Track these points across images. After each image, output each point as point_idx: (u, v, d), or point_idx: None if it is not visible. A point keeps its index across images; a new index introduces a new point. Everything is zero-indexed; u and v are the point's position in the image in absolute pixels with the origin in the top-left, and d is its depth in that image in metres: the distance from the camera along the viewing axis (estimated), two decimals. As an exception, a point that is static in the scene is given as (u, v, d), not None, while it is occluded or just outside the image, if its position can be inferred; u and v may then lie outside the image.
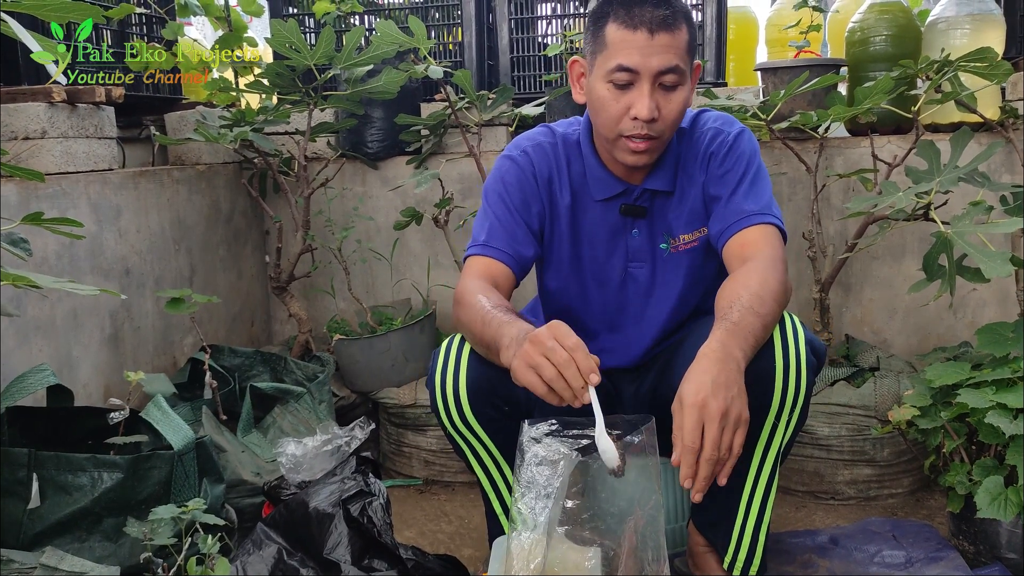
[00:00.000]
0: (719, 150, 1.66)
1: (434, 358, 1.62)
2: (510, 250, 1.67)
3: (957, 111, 2.36)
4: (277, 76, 2.51)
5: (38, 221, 1.48)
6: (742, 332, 1.38)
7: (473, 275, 1.64)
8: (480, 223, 1.72)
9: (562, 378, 1.29)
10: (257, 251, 3.05)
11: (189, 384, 2.39)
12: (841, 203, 2.61)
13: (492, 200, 1.72)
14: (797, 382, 1.50)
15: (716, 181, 1.65)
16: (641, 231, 1.73)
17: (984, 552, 1.80)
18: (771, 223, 1.60)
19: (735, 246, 1.59)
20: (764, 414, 1.52)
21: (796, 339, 1.52)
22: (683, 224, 1.71)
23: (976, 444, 1.84)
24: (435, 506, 2.35)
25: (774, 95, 2.31)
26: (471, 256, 1.69)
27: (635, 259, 1.74)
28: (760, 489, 1.60)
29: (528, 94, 3.04)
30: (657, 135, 1.57)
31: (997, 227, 1.75)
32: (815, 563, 1.86)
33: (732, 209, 1.61)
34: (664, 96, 1.55)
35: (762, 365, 1.48)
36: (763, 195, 1.63)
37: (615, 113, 1.56)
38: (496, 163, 1.76)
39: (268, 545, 1.63)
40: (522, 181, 1.71)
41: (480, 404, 1.57)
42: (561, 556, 1.34)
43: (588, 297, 1.79)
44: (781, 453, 1.58)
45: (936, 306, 2.52)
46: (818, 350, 1.57)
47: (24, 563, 1.43)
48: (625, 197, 1.71)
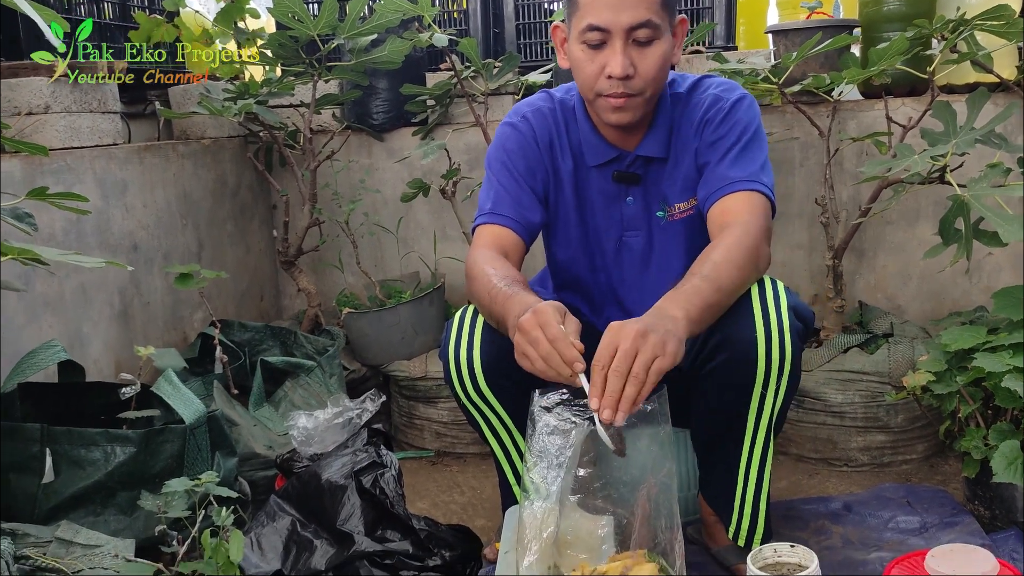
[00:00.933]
0: (715, 116, 1.62)
1: (447, 329, 1.61)
2: (517, 216, 1.65)
3: (973, 71, 2.31)
4: (280, 47, 2.49)
5: (43, 196, 1.47)
6: (684, 294, 1.37)
7: (481, 245, 1.62)
8: (485, 192, 1.70)
9: (550, 367, 1.28)
10: (264, 225, 3.04)
11: (200, 359, 2.40)
12: (855, 167, 2.58)
13: (495, 168, 1.70)
14: (782, 348, 1.48)
15: (707, 148, 1.62)
16: (636, 199, 1.70)
17: (1000, 516, 1.79)
18: (756, 190, 1.56)
19: (716, 213, 1.56)
20: (751, 384, 1.50)
21: (778, 305, 1.49)
22: (678, 192, 1.68)
23: (992, 409, 1.82)
24: (447, 477, 2.36)
25: (786, 58, 2.27)
26: (479, 226, 1.67)
27: (630, 227, 1.72)
28: (756, 459, 1.59)
29: (534, 62, 3.00)
30: (636, 92, 1.54)
31: (1014, 190, 1.72)
32: (828, 529, 1.85)
33: (718, 175, 1.58)
34: (639, 52, 1.52)
35: (742, 334, 1.47)
36: (753, 162, 1.59)
37: (591, 73, 1.54)
38: (497, 131, 1.74)
39: (282, 517, 1.63)
40: (524, 147, 1.69)
41: (495, 375, 1.56)
42: (574, 525, 1.34)
43: (594, 267, 1.77)
44: (774, 422, 1.56)
45: (951, 271, 2.49)
46: (804, 315, 1.55)
47: (40, 537, 1.44)
48: (618, 163, 1.68)
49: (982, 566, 1.24)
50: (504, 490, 1.73)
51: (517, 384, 1.54)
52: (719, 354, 1.48)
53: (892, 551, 1.71)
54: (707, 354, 1.52)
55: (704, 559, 1.73)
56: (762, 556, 1.36)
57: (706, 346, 1.52)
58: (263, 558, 1.57)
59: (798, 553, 1.35)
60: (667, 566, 1.28)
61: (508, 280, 1.47)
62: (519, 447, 1.66)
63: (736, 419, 1.55)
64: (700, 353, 1.53)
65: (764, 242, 1.51)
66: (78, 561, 1.38)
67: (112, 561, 1.39)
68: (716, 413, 1.56)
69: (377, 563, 1.51)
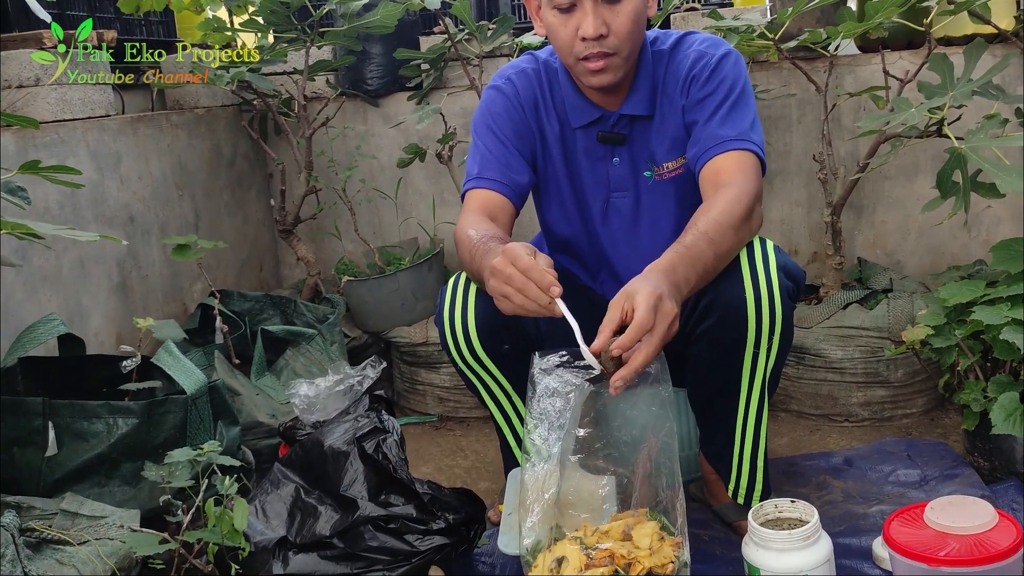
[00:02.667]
0: (701, 73, 1.60)
1: (441, 296, 1.62)
2: (504, 179, 1.63)
3: (971, 23, 2.29)
4: (271, 14, 2.46)
5: (35, 170, 1.46)
6: (691, 258, 1.37)
7: (468, 210, 1.61)
8: (472, 157, 1.69)
9: (529, 299, 1.27)
10: (262, 195, 3.02)
11: (200, 330, 2.40)
12: (852, 123, 2.56)
13: (481, 132, 1.68)
14: (771, 308, 1.48)
15: (695, 105, 1.60)
16: (623, 159, 1.68)
17: (999, 468, 1.81)
18: (748, 149, 1.54)
19: (709, 173, 1.54)
20: (743, 343, 1.50)
21: (767, 264, 1.48)
22: (665, 151, 1.66)
23: (991, 361, 1.82)
24: (451, 441, 2.37)
25: (781, 13, 2.24)
26: (467, 192, 1.65)
27: (617, 188, 1.70)
28: (751, 417, 1.60)
29: (529, 23, 2.97)
30: (614, 51, 1.52)
31: (1012, 140, 1.71)
32: (830, 484, 1.87)
33: (708, 134, 1.56)
34: (610, 10, 1.50)
35: (732, 296, 1.47)
36: (742, 120, 1.56)
37: (566, 37, 1.53)
38: (483, 94, 1.72)
39: (286, 484, 1.64)
40: (509, 109, 1.67)
41: (490, 339, 1.56)
42: (575, 485, 1.35)
43: (586, 230, 1.75)
44: (768, 381, 1.57)
45: (949, 225, 2.48)
46: (793, 273, 1.55)
47: (45, 509, 1.45)
48: (602, 124, 1.66)
49: (981, 517, 1.25)
50: (505, 453, 1.74)
51: (513, 348, 1.56)
52: (711, 314, 1.49)
53: (893, 504, 1.72)
54: (699, 315, 1.52)
55: (706, 516, 1.75)
56: (763, 512, 1.37)
57: (698, 307, 1.52)
58: (268, 525, 1.58)
59: (799, 508, 1.36)
60: (668, 524, 1.29)
61: (487, 237, 1.46)
62: (518, 409, 1.67)
63: (730, 379, 1.56)
64: (692, 314, 1.53)
65: (758, 203, 1.51)
66: (84, 532, 1.39)
67: (118, 531, 1.40)
68: (710, 373, 1.57)
69: (381, 527, 1.51)
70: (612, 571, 1.25)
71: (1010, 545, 1.20)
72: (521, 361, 1.52)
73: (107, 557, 1.35)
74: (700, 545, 1.64)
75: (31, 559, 1.31)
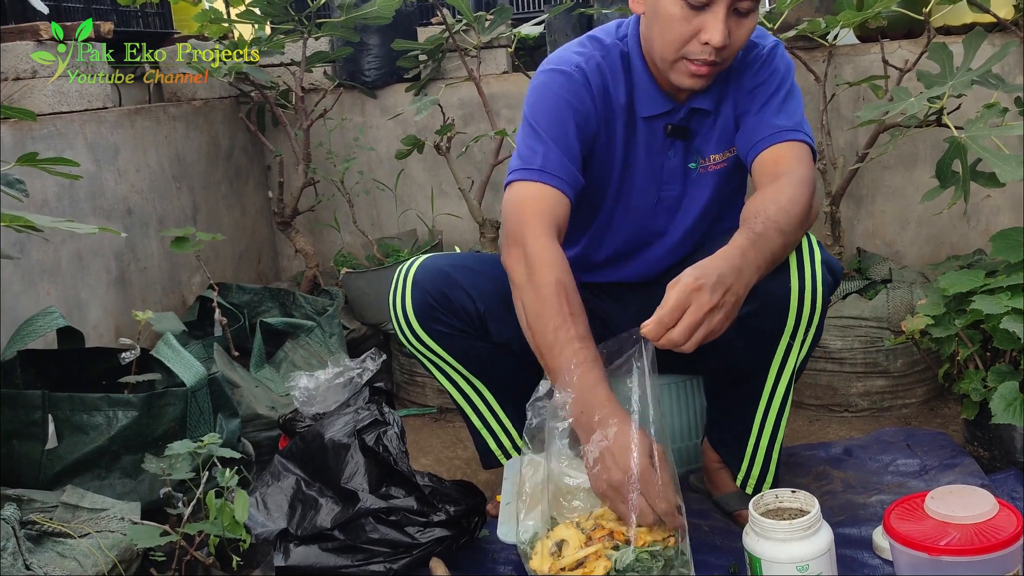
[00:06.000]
0: (753, 63, 1.57)
1: (391, 284, 1.67)
2: (569, 178, 1.52)
3: (970, 11, 2.28)
4: (269, 4, 2.45)
5: (33, 162, 1.45)
6: (763, 245, 1.36)
7: (538, 218, 1.48)
8: (530, 144, 1.54)
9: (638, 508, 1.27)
10: (260, 187, 3.02)
11: (199, 323, 2.40)
12: (851, 113, 2.55)
13: (544, 119, 1.54)
14: (813, 302, 1.48)
15: (747, 95, 1.57)
16: (677, 152, 1.63)
17: (999, 457, 1.81)
18: (804, 140, 1.54)
19: (767, 161, 1.52)
20: (779, 334, 1.51)
21: (812, 259, 1.49)
22: (714, 143, 1.62)
23: (991, 351, 1.82)
24: (450, 433, 2.37)
25: (780, 2, 2.24)
26: (528, 181, 1.51)
27: (668, 181, 1.65)
28: (775, 407, 1.60)
29: (526, 13, 2.97)
30: (722, 61, 1.47)
31: (1012, 129, 1.70)
32: (829, 474, 1.87)
33: (764, 123, 1.54)
34: (736, 22, 1.44)
35: (777, 286, 1.46)
36: (795, 112, 1.56)
37: (683, 34, 1.44)
38: (547, 78, 1.58)
39: (286, 476, 1.65)
40: (580, 97, 1.55)
41: (426, 320, 1.62)
42: (572, 474, 1.35)
43: (616, 218, 1.70)
44: (795, 373, 1.57)
45: (949, 215, 2.48)
46: (835, 269, 1.54)
47: (46, 502, 1.45)
48: (671, 116, 1.60)
49: (982, 506, 1.25)
50: (475, 436, 1.77)
51: (451, 327, 1.63)
52: (750, 302, 1.40)
53: (892, 494, 1.73)
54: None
55: (706, 507, 1.75)
56: (764, 502, 1.37)
57: None
58: (269, 517, 1.59)
59: (799, 498, 1.36)
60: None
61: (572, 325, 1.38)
62: (477, 388, 1.71)
63: (759, 368, 1.56)
64: None
65: (814, 195, 1.50)
66: (85, 525, 1.39)
67: (119, 524, 1.40)
68: (739, 360, 1.55)
69: (382, 519, 1.52)
70: (613, 545, 1.26)
71: (1011, 534, 1.21)
72: (464, 338, 1.62)
73: (108, 549, 1.35)
74: (700, 535, 1.64)
75: (32, 552, 1.31)
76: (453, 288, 1.61)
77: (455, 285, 1.61)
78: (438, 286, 1.61)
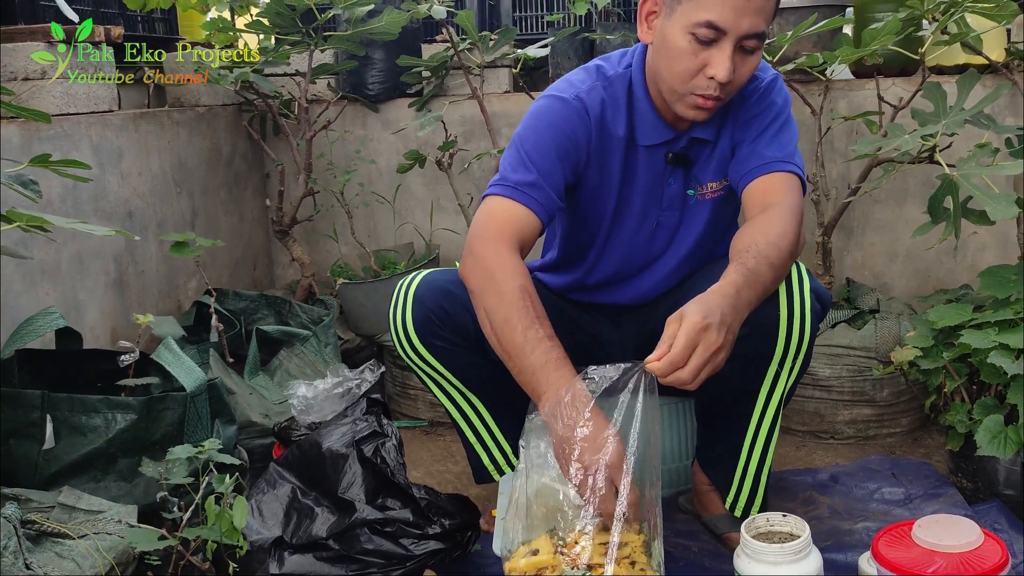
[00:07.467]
0: (751, 95, 1.62)
1: (391, 299, 1.68)
2: (546, 203, 1.55)
3: (963, 53, 2.34)
4: (277, 16, 2.48)
5: (46, 163, 1.47)
6: (754, 282, 1.39)
7: (498, 230, 1.52)
8: (516, 162, 1.57)
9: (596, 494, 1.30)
10: (258, 195, 3.03)
11: (195, 328, 2.40)
12: (845, 146, 2.61)
13: (532, 141, 1.58)
14: (801, 330, 1.52)
15: (743, 126, 1.62)
16: (676, 180, 1.67)
17: (982, 489, 1.84)
18: (794, 172, 1.57)
19: (756, 192, 1.56)
20: (769, 359, 1.54)
21: (801, 287, 1.52)
22: (711, 172, 1.66)
23: (977, 384, 1.86)
24: (441, 447, 2.38)
25: (780, 37, 2.28)
26: (502, 196, 1.55)
27: (668, 207, 1.68)
28: (763, 433, 1.63)
29: (530, 35, 3.01)
30: (725, 96, 1.51)
31: (1003, 169, 1.75)
32: (816, 500, 1.90)
33: (756, 153, 1.58)
34: (741, 59, 1.47)
35: (767, 313, 1.49)
36: (788, 144, 1.60)
37: (690, 68, 1.47)
38: (546, 103, 1.62)
39: (282, 484, 1.66)
40: (573, 127, 1.59)
41: (426, 335, 1.64)
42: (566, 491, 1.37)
43: (612, 243, 1.73)
44: (784, 398, 1.61)
45: (936, 250, 2.53)
46: (823, 297, 1.57)
47: (42, 502, 1.45)
48: (672, 145, 1.63)
49: (967, 535, 1.29)
50: (469, 451, 1.79)
51: (450, 342, 1.64)
52: (740, 328, 1.42)
53: (877, 521, 1.76)
54: None
55: (695, 528, 1.77)
56: (755, 525, 1.39)
57: None
58: (264, 524, 1.60)
59: (790, 522, 1.39)
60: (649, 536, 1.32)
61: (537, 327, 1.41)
62: (472, 403, 1.73)
63: (748, 393, 1.59)
64: None
65: (801, 226, 1.54)
66: (82, 526, 1.40)
67: (116, 526, 1.41)
68: (729, 384, 1.57)
69: (378, 531, 1.53)
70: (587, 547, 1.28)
71: (996, 564, 1.24)
72: (462, 354, 1.64)
73: (106, 551, 1.36)
74: (689, 557, 1.67)
75: (31, 551, 1.31)
76: (454, 304, 1.63)
77: (456, 301, 1.63)
78: (439, 302, 1.63)
